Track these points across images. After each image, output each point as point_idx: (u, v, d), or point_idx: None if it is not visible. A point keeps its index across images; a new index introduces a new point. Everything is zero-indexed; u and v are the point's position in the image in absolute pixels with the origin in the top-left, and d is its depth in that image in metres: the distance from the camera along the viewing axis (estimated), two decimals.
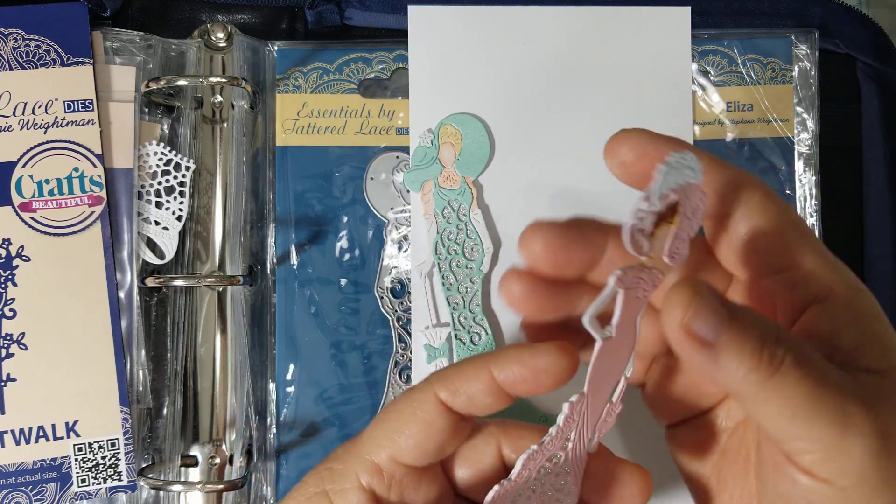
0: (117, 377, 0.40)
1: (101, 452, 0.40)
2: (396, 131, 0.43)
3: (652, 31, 0.43)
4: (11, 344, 0.39)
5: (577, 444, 0.26)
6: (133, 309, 0.41)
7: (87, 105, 0.41)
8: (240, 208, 0.43)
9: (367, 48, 0.43)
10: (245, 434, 0.42)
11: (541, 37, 0.42)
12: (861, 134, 0.45)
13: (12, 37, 0.40)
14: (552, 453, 0.26)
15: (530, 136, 0.42)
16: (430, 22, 0.42)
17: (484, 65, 0.42)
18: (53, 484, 0.39)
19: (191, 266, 0.43)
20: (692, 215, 0.24)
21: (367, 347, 0.42)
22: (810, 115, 0.43)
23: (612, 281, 0.24)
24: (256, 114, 0.44)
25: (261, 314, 0.43)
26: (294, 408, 0.42)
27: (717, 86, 0.43)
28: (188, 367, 0.42)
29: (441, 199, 0.42)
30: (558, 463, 0.26)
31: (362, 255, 0.43)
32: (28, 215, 0.40)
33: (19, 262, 0.40)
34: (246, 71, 0.43)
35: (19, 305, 0.39)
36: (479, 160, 0.42)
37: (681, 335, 0.22)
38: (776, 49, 0.43)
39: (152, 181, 0.42)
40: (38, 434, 0.39)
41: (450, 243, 0.41)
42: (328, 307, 0.42)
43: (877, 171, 0.44)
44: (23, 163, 0.40)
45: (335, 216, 0.43)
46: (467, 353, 0.41)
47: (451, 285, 0.41)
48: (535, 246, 0.26)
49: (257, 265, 0.43)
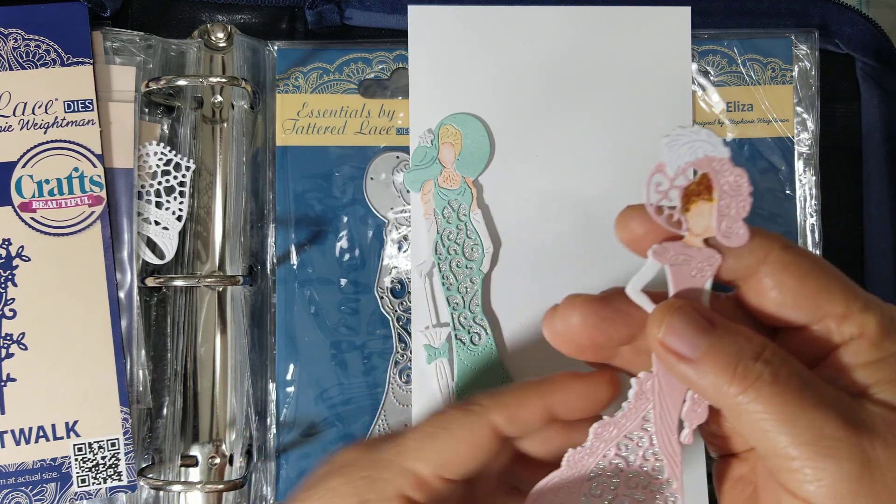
0: (117, 377, 0.40)
1: (101, 452, 0.40)
2: (396, 131, 0.43)
3: (652, 31, 0.42)
4: (11, 344, 0.39)
5: (662, 429, 0.26)
6: (133, 309, 0.41)
7: (87, 105, 0.41)
8: (240, 208, 0.43)
9: (367, 48, 0.43)
10: (245, 434, 0.42)
11: (541, 37, 0.42)
12: (861, 134, 0.45)
13: (12, 37, 0.40)
14: (630, 431, 0.27)
15: (530, 136, 0.42)
16: (430, 22, 0.42)
17: (484, 65, 0.42)
18: (53, 484, 0.39)
19: (191, 266, 0.43)
20: (734, 192, 0.24)
21: (367, 347, 0.42)
22: (810, 115, 0.43)
23: (649, 253, 0.25)
24: (256, 114, 0.44)
25: (261, 314, 0.43)
26: (294, 408, 0.42)
27: (717, 86, 0.43)
28: (188, 367, 0.42)
29: (441, 199, 0.42)
30: (643, 445, 0.27)
31: (362, 255, 0.43)
32: (28, 215, 0.40)
33: (19, 262, 0.40)
34: (246, 71, 0.43)
35: (19, 305, 0.39)
36: (479, 160, 0.42)
37: (658, 349, 0.24)
38: (776, 49, 0.43)
39: (152, 181, 0.42)
40: (38, 434, 0.39)
41: (450, 243, 0.41)
42: (328, 307, 0.42)
43: (877, 171, 0.44)
44: (23, 163, 0.40)
45: (335, 216, 0.43)
46: (467, 353, 0.41)
47: (451, 285, 0.41)
48: (573, 319, 0.26)
49: (257, 265, 0.43)
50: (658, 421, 0.26)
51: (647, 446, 0.27)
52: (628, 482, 0.27)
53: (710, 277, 0.25)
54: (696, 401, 0.26)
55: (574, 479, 0.27)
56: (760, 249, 0.24)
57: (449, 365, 0.41)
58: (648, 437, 0.27)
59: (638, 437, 0.27)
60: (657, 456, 0.27)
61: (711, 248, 0.25)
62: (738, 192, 0.24)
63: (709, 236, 0.25)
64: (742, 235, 0.24)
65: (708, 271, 0.25)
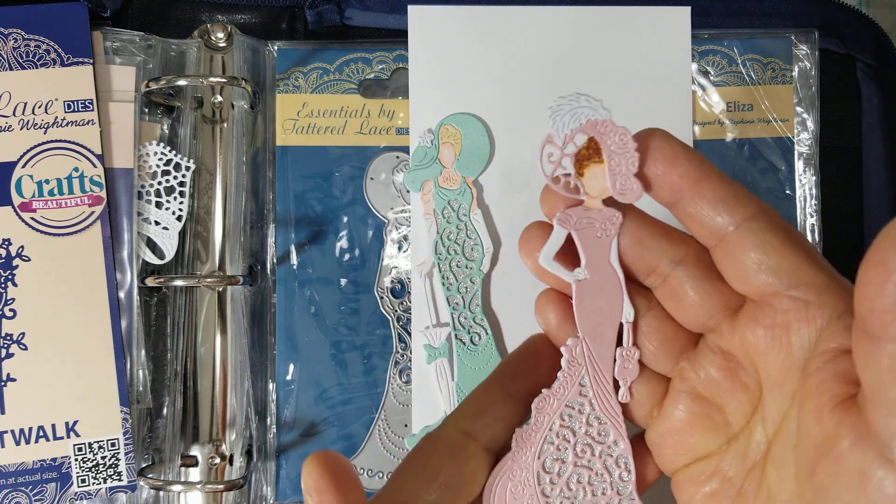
0: (117, 377, 0.40)
1: (101, 452, 0.40)
2: (396, 131, 0.43)
3: (652, 31, 0.42)
4: (11, 344, 0.39)
5: (599, 392, 0.27)
6: (133, 309, 0.41)
7: (87, 105, 0.41)
8: (240, 208, 0.43)
9: (367, 48, 0.43)
10: (245, 434, 0.42)
11: (541, 37, 0.42)
12: (861, 134, 0.45)
13: (12, 37, 0.40)
14: (571, 400, 0.27)
15: (530, 136, 0.42)
16: (430, 22, 0.42)
17: (484, 65, 0.42)
18: (53, 484, 0.39)
19: (191, 266, 0.43)
20: (621, 150, 0.25)
21: (367, 347, 0.42)
22: (810, 115, 0.43)
23: (554, 221, 0.26)
24: (256, 114, 0.44)
25: (261, 314, 0.43)
26: (294, 408, 0.42)
27: (717, 86, 0.43)
28: (188, 367, 0.42)
29: (441, 199, 0.42)
30: (585, 411, 0.27)
31: (362, 255, 0.43)
32: (28, 215, 0.40)
33: (19, 262, 0.40)
34: (246, 71, 0.43)
35: (19, 305, 0.39)
36: (479, 160, 0.42)
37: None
38: (776, 49, 0.43)
39: (152, 181, 0.42)
40: (38, 434, 0.39)
41: (450, 243, 0.41)
42: (328, 307, 0.42)
43: (877, 171, 0.44)
44: (23, 163, 0.40)
45: (335, 216, 0.43)
46: (467, 353, 0.41)
47: (451, 285, 0.41)
48: (550, 316, 0.27)
49: (257, 265, 0.43)
50: (593, 384, 0.27)
51: (589, 412, 0.27)
52: (578, 452, 0.27)
53: (614, 236, 0.26)
54: (626, 357, 0.27)
55: (526, 457, 0.27)
56: (740, 207, 0.24)
57: (449, 365, 0.41)
58: (588, 403, 0.27)
59: (579, 405, 0.27)
60: (600, 420, 0.27)
61: (611, 209, 0.26)
62: (625, 149, 0.25)
63: (606, 196, 0.25)
64: (636, 191, 0.25)
65: (612, 230, 0.26)
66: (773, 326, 0.24)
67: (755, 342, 0.25)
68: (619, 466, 0.27)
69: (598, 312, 0.27)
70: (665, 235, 0.26)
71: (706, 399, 0.27)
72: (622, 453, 0.27)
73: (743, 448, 0.26)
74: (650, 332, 0.27)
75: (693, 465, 0.27)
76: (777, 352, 0.24)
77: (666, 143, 0.25)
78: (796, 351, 0.24)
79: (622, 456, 0.27)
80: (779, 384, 0.25)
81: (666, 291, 0.26)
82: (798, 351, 0.24)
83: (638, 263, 0.26)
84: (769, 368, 0.25)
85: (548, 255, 0.26)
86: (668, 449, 0.27)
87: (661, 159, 0.24)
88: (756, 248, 0.24)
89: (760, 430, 0.26)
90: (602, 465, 0.27)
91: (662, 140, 0.25)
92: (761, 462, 0.25)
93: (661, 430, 0.27)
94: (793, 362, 0.24)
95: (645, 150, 0.25)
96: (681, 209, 0.25)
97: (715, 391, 0.26)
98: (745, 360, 0.26)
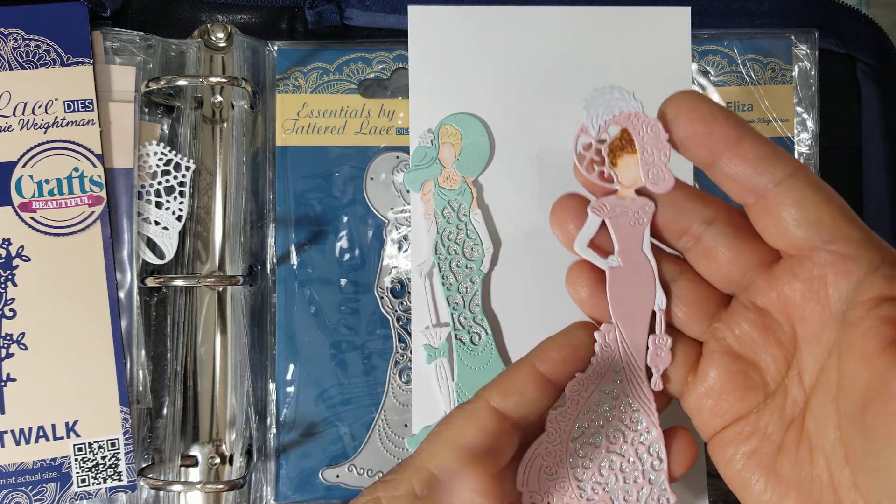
0: (117, 377, 0.40)
1: (101, 452, 0.40)
2: (396, 131, 0.43)
3: (652, 31, 0.42)
4: (11, 344, 0.39)
5: (631, 378, 0.27)
6: (133, 309, 0.41)
7: (87, 105, 0.41)
8: (240, 208, 0.43)
9: (367, 48, 0.43)
10: (245, 434, 0.42)
11: (541, 37, 0.42)
12: (861, 134, 0.45)
13: (12, 37, 0.40)
14: (604, 385, 0.27)
15: (530, 136, 0.42)
16: (430, 22, 0.42)
17: (484, 65, 0.42)
18: (53, 484, 0.39)
19: (191, 266, 0.43)
20: (653, 141, 0.25)
21: (367, 347, 0.42)
22: (810, 115, 0.43)
23: (588, 210, 0.26)
24: (256, 114, 0.44)
25: (261, 314, 0.43)
26: (294, 408, 0.42)
27: (717, 86, 0.43)
28: (188, 367, 0.42)
29: (441, 199, 0.42)
30: (617, 397, 0.27)
31: (362, 255, 0.43)
32: (28, 215, 0.40)
33: (19, 262, 0.40)
34: (246, 71, 0.43)
35: (19, 305, 0.39)
36: (479, 160, 0.42)
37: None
38: (776, 49, 0.43)
39: (152, 181, 0.42)
40: (38, 434, 0.39)
41: (450, 243, 0.41)
42: (328, 307, 0.42)
43: (877, 171, 0.44)
44: (23, 163, 0.40)
45: (335, 216, 0.43)
46: (467, 353, 0.41)
47: (451, 285, 0.41)
48: (581, 287, 0.28)
49: (257, 265, 0.43)
50: (626, 371, 0.27)
51: (622, 398, 0.27)
52: (611, 437, 0.27)
53: (647, 224, 0.26)
54: (658, 345, 0.27)
55: (561, 439, 0.27)
56: (777, 164, 0.25)
57: (449, 365, 0.41)
58: (621, 389, 0.27)
59: (611, 391, 0.27)
60: (633, 406, 0.27)
61: (644, 197, 0.26)
62: (658, 140, 0.25)
63: (639, 186, 0.26)
64: (668, 180, 0.26)
65: (644, 219, 0.26)
66: (810, 280, 0.25)
67: (792, 295, 0.25)
68: (651, 455, 0.28)
69: (630, 299, 0.27)
70: (696, 197, 0.27)
71: (741, 357, 0.27)
72: (654, 441, 0.27)
73: (780, 404, 0.26)
74: (683, 295, 0.27)
75: (732, 426, 0.27)
76: (814, 305, 0.25)
77: (703, 104, 0.25)
78: (834, 303, 0.24)
79: (654, 444, 0.27)
80: (815, 337, 0.25)
81: (699, 252, 0.27)
82: (836, 303, 0.24)
83: (671, 225, 0.27)
84: (806, 322, 0.25)
85: (582, 242, 0.27)
86: (706, 412, 0.27)
87: (700, 121, 0.25)
88: (796, 204, 0.24)
89: (797, 384, 0.26)
90: (634, 453, 0.28)
91: (699, 102, 0.25)
92: (800, 416, 0.26)
93: (698, 393, 0.27)
94: (830, 315, 0.24)
95: (679, 113, 0.25)
96: (718, 170, 0.25)
97: (750, 347, 0.27)
98: (780, 314, 0.26)
